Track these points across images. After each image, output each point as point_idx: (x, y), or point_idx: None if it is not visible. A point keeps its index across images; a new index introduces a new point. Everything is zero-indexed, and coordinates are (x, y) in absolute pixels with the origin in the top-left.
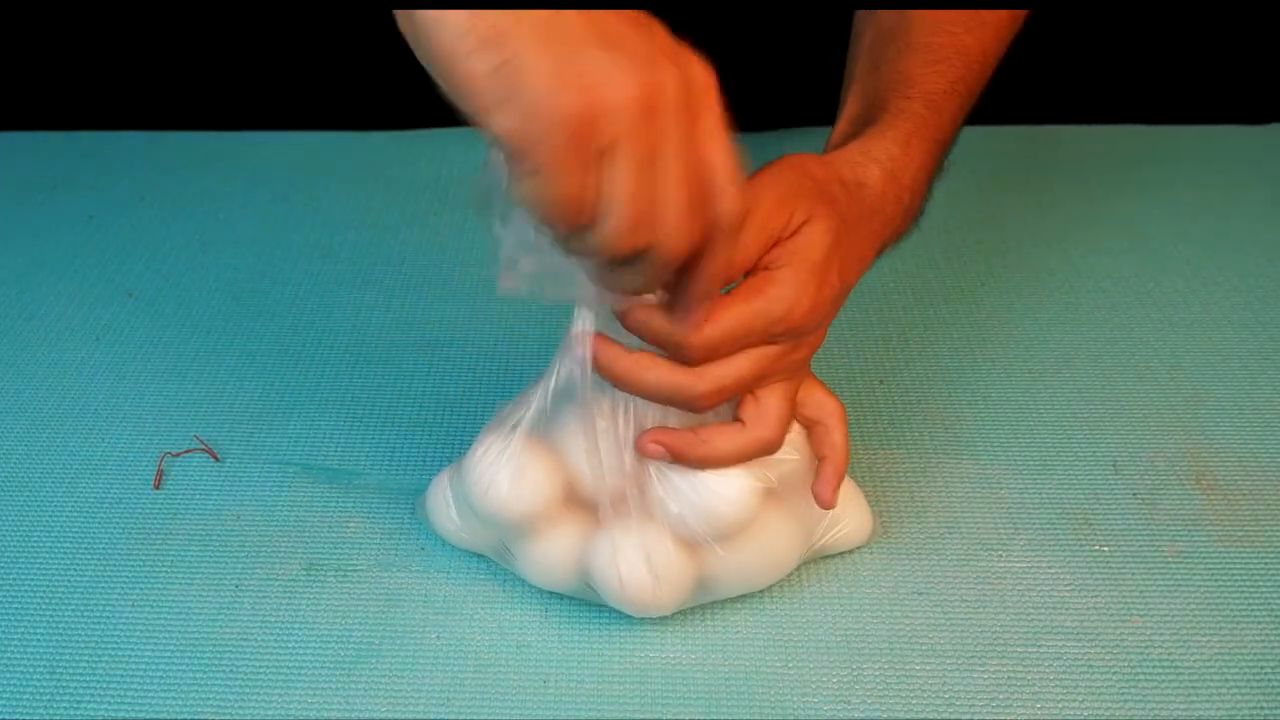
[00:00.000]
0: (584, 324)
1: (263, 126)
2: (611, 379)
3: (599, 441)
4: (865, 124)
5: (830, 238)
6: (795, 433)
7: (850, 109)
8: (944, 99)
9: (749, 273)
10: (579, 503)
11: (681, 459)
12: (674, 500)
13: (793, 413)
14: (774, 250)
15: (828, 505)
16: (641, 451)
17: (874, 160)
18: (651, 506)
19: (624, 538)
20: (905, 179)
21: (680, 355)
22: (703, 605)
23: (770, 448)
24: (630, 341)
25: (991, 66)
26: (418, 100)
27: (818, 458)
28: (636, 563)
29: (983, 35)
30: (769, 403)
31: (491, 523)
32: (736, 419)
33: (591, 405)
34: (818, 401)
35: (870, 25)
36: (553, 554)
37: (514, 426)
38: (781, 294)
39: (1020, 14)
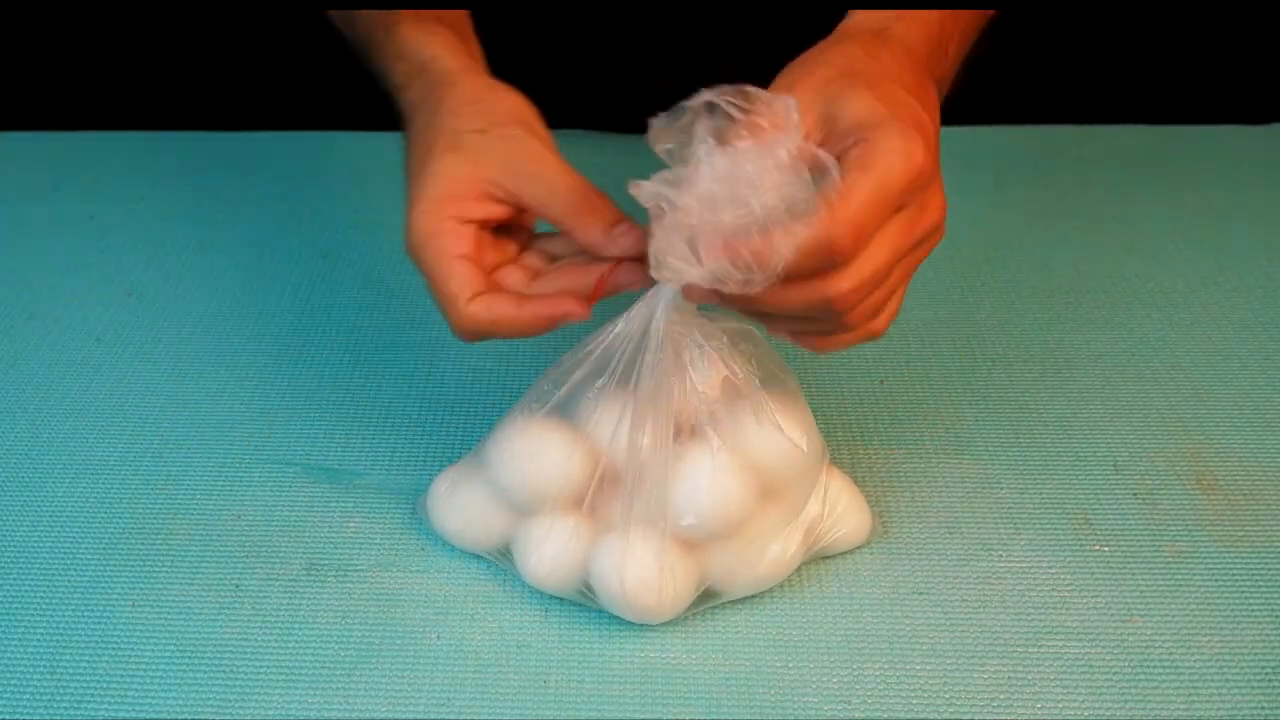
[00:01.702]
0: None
1: (263, 126)
2: (755, 305)
3: (631, 425)
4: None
5: (866, 90)
6: (800, 432)
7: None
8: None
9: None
10: (588, 506)
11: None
12: (673, 496)
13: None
14: (830, 145)
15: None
16: (689, 293)
17: (887, 15)
18: (658, 505)
19: (627, 544)
20: (930, 24)
21: (833, 255)
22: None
23: (840, 309)
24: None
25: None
26: None
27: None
28: (639, 570)
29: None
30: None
31: (519, 493)
32: None
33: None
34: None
35: None
36: (555, 556)
37: (552, 405)
38: (891, 147)
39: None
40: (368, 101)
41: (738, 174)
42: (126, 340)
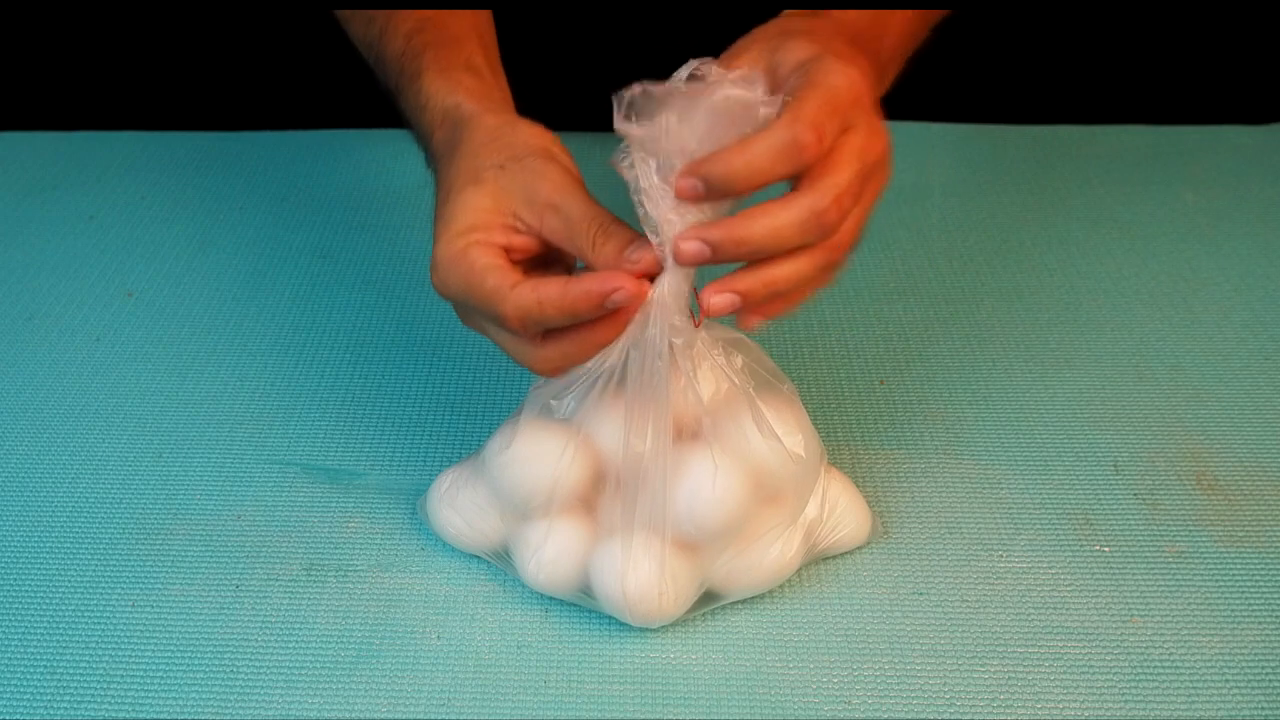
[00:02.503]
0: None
1: (263, 126)
2: (747, 243)
3: (632, 426)
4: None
5: (805, 39)
6: (798, 436)
7: None
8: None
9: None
10: (589, 508)
11: (723, 247)
12: (672, 501)
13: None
14: (782, 83)
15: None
16: (679, 254)
17: (823, 11)
18: (657, 510)
19: (628, 550)
20: (863, 19)
21: (801, 152)
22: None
23: (825, 224)
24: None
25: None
26: None
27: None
28: (641, 576)
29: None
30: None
31: (515, 496)
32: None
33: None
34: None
35: None
36: (554, 559)
37: (551, 408)
38: (832, 68)
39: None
40: (368, 100)
41: (710, 110)
42: (126, 340)
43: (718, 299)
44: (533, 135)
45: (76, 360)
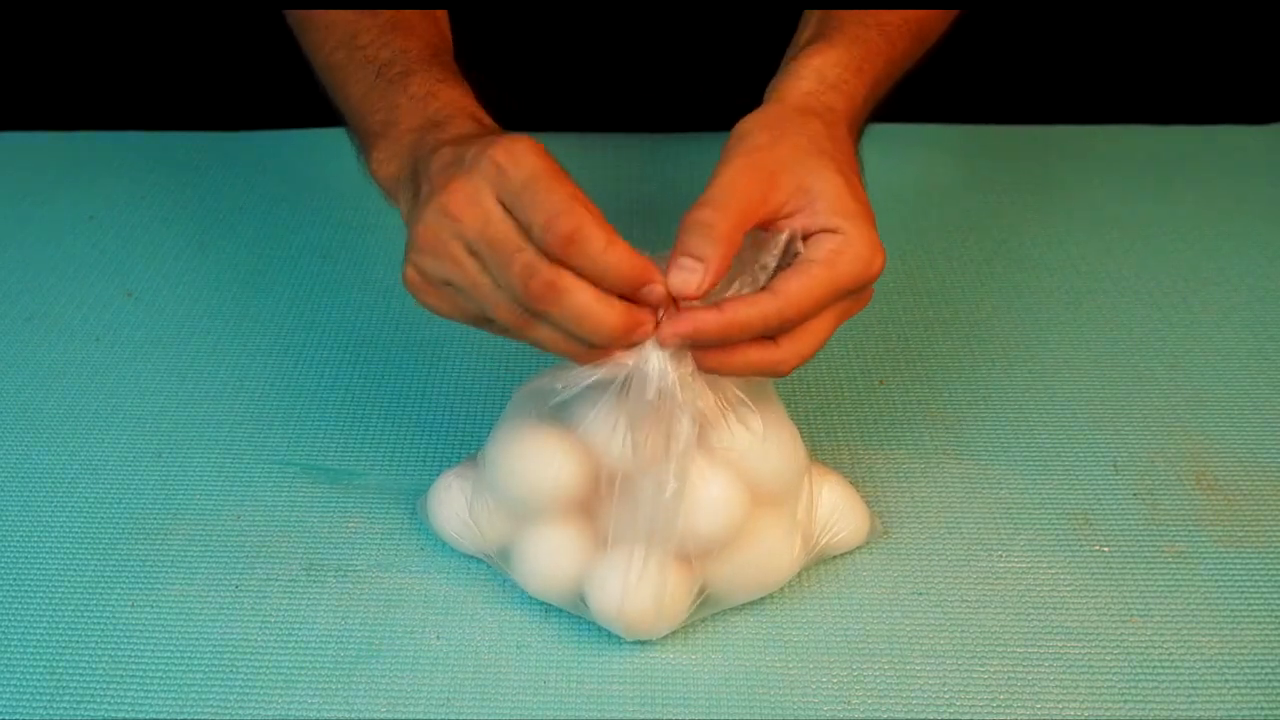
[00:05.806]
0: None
1: (263, 126)
2: (705, 366)
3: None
4: (819, 39)
5: (840, 177)
6: (785, 437)
7: (804, 35)
8: (898, 32)
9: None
10: (588, 514)
11: (700, 343)
12: (669, 513)
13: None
14: (805, 219)
15: (665, 339)
16: (660, 340)
17: (831, 87)
18: (654, 524)
19: (625, 570)
20: (858, 100)
21: (781, 326)
22: None
23: (780, 370)
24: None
25: (941, 24)
26: None
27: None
28: (637, 598)
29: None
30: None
31: (512, 499)
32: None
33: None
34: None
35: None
36: (551, 569)
37: (550, 413)
38: (858, 253)
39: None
40: None
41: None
42: (126, 340)
43: (672, 338)
44: None
45: (76, 360)
